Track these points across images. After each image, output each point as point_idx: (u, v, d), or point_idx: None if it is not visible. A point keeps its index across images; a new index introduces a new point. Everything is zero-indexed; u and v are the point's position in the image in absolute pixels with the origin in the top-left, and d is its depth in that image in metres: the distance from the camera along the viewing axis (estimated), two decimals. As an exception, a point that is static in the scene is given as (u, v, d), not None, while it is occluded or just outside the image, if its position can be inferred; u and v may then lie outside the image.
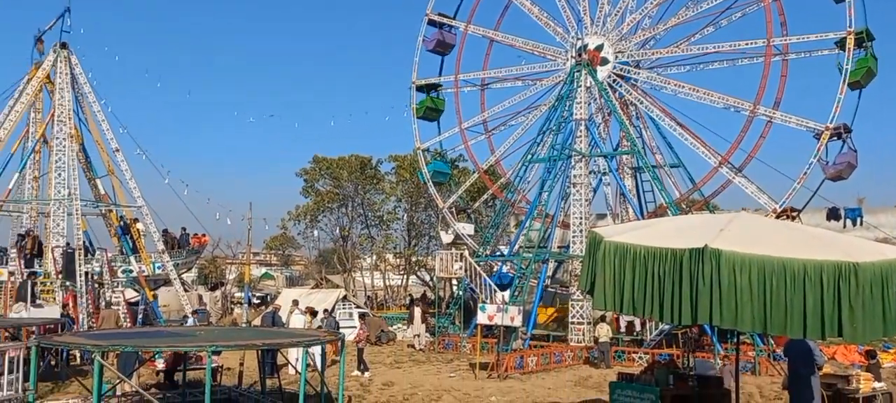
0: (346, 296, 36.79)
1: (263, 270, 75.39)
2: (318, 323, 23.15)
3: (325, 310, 26.51)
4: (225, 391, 16.97)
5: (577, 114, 31.17)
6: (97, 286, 29.02)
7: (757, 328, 8.23)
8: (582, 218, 30.26)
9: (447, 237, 36.16)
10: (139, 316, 28.70)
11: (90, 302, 27.17)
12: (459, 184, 41.07)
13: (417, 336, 29.29)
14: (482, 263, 31.40)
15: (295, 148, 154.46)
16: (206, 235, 40.70)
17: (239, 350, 17.32)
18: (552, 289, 35.41)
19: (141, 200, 31.02)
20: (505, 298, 26.62)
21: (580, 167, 30.68)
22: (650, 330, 26.96)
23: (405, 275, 55.71)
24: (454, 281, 34.21)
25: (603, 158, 34.25)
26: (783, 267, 7.83)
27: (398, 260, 56.68)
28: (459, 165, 46.51)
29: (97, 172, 32.46)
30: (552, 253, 31.97)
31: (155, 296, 30.70)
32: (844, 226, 29.02)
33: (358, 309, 34.81)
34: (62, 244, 28.69)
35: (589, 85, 31.89)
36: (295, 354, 17.15)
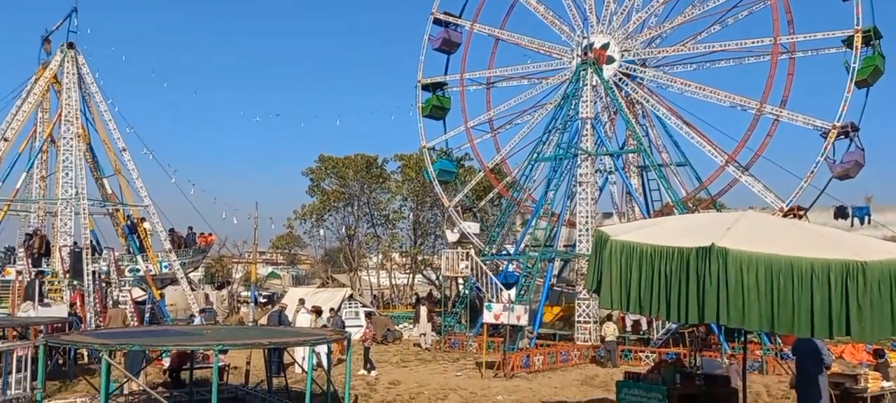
0: (352, 295, 36.76)
1: (270, 269, 75.70)
2: (322, 322, 23.12)
3: (331, 309, 26.50)
4: (231, 389, 16.99)
5: (583, 113, 31.13)
6: (104, 285, 29.10)
7: (764, 327, 8.20)
8: (588, 216, 30.21)
9: (453, 236, 36.20)
10: (146, 314, 28.76)
11: (97, 301, 27.25)
12: (465, 183, 41.05)
13: (423, 335, 29.28)
14: (488, 262, 31.40)
15: (300, 147, 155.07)
16: (212, 234, 40.80)
17: (245, 349, 17.33)
18: (558, 288, 35.36)
19: (148, 199, 31.11)
20: (511, 297, 26.61)
21: (586, 166, 30.64)
22: (657, 328, 26.92)
23: (411, 274, 55.77)
24: (460, 279, 34.21)
25: (609, 157, 34.21)
26: (790, 265, 7.81)
27: (404, 259, 56.77)
28: (465, 164, 46.49)
29: (104, 172, 32.59)
30: (558, 251, 31.94)
31: (162, 295, 30.78)
32: (852, 225, 28.94)
33: (364, 307, 34.75)
34: (70, 243, 28.80)
35: (595, 83, 31.84)
36: (301, 353, 17.18)
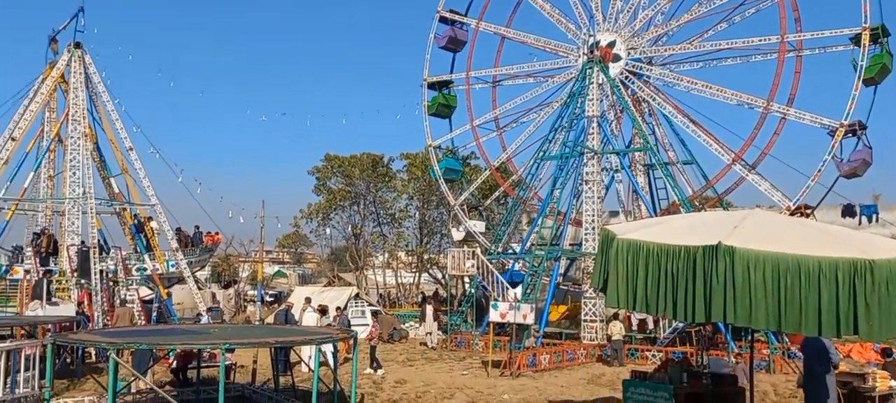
0: (358, 294, 36.84)
1: (276, 268, 75.82)
2: (327, 321, 23.15)
3: (337, 308, 26.55)
4: (238, 388, 17.06)
5: (589, 111, 31.07)
6: (112, 284, 29.20)
7: (771, 326, 8.17)
8: (594, 215, 30.16)
9: (459, 234, 36.15)
10: (153, 313, 28.84)
11: (105, 299, 27.35)
12: (471, 182, 40.98)
13: (429, 334, 29.30)
14: (494, 261, 31.38)
15: (302, 147, 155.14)
16: (219, 233, 41.00)
17: (252, 348, 17.40)
18: (564, 287, 35.34)
19: (154, 198, 31.17)
20: (517, 296, 26.57)
21: (592, 164, 30.58)
22: (663, 327, 26.86)
23: (417, 273, 55.78)
24: (466, 278, 34.17)
25: (615, 155, 34.15)
26: (798, 264, 7.78)
27: (410, 257, 56.76)
28: (471, 162, 46.47)
29: (111, 171, 32.71)
30: (564, 250, 31.88)
31: (169, 294, 30.86)
32: (860, 223, 28.80)
33: (370, 306, 34.83)
34: (77, 242, 28.90)
35: (601, 81, 31.76)
36: (308, 352, 17.20)
